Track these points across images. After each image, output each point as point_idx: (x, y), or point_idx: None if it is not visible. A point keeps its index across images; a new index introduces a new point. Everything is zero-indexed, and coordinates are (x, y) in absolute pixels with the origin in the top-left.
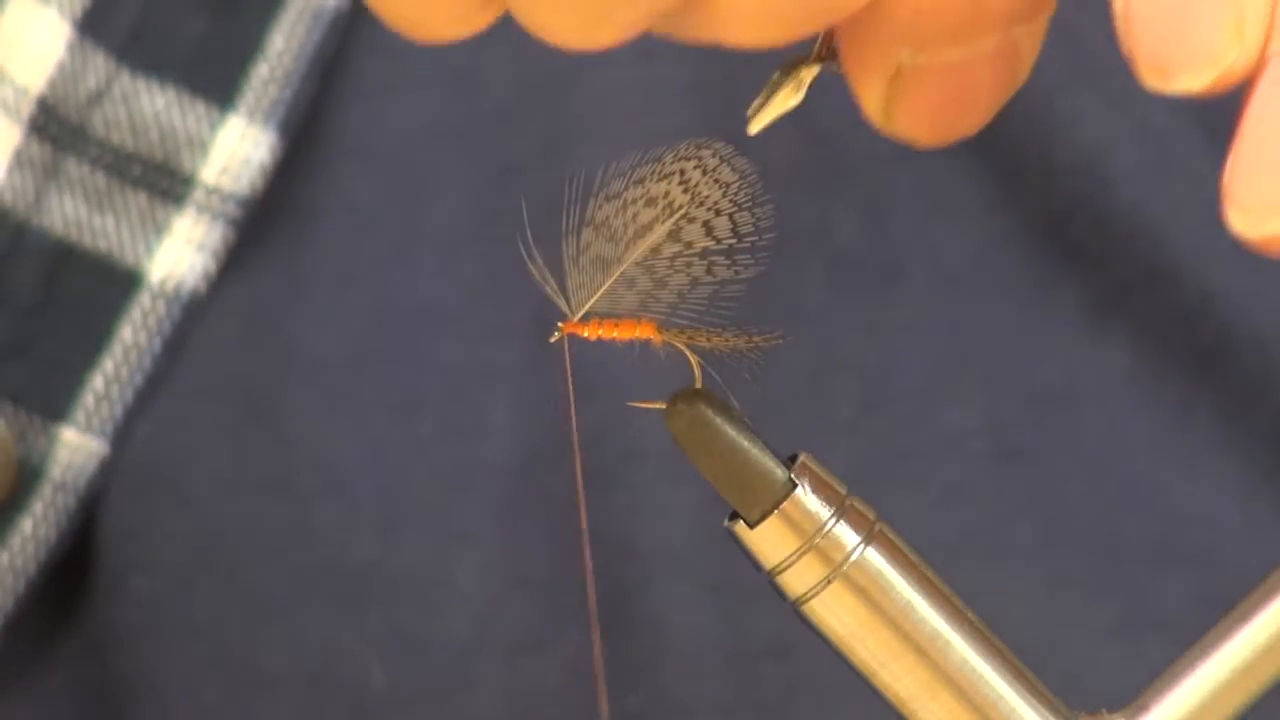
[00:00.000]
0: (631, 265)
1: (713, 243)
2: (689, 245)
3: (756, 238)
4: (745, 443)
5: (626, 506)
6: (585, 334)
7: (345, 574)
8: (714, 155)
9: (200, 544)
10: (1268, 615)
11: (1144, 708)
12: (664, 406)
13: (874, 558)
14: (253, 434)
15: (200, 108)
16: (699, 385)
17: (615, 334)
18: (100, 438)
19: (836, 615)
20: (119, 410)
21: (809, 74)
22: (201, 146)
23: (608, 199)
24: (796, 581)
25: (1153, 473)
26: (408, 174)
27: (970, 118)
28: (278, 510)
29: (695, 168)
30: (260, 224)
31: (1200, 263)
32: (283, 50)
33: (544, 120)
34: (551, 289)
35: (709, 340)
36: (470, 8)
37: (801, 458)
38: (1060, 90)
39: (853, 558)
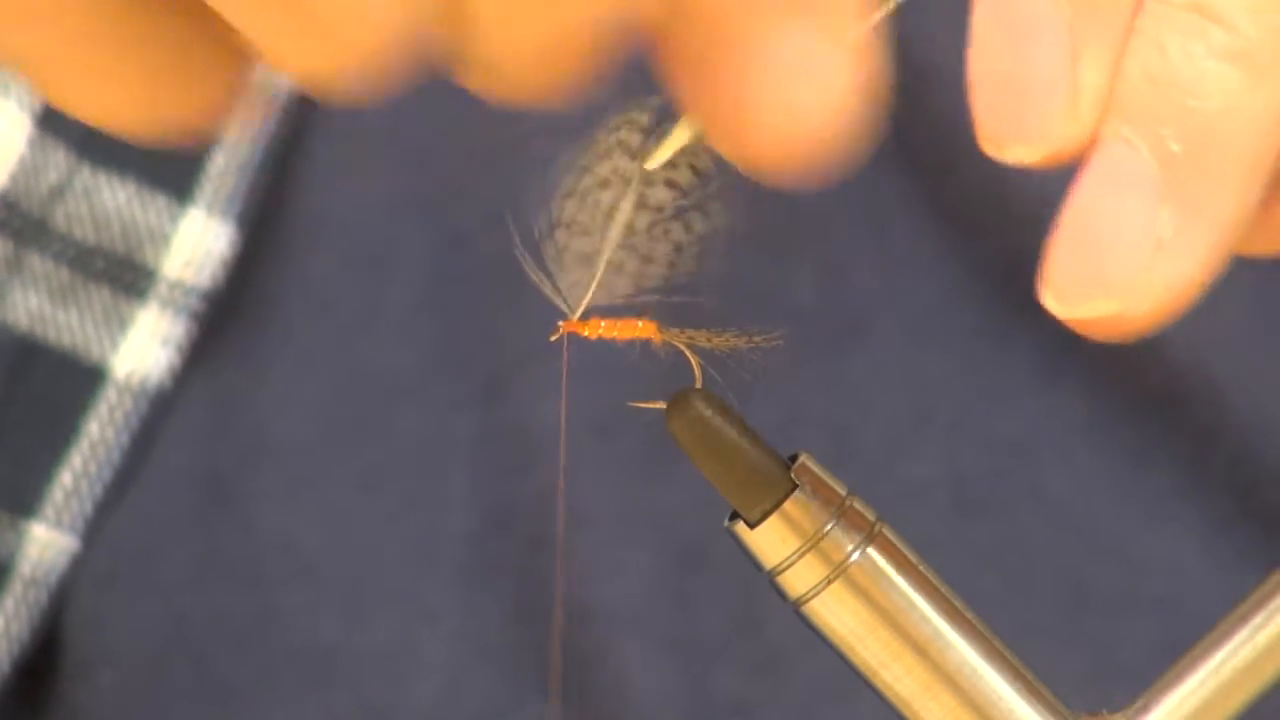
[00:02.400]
0: (613, 252)
1: (679, 195)
2: (660, 209)
3: (716, 175)
4: (745, 442)
5: (581, 571)
6: (585, 333)
7: (312, 657)
8: (643, 112)
9: (168, 634)
10: (1267, 615)
11: (1144, 708)
12: (664, 406)
13: (874, 558)
14: (220, 523)
15: (161, 201)
16: (699, 385)
17: (615, 333)
18: (70, 533)
19: (837, 615)
20: (88, 505)
21: None
22: (164, 240)
23: (568, 196)
24: (797, 582)
25: (1115, 521)
26: (363, 251)
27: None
28: (245, 598)
29: (632, 132)
30: (222, 314)
31: None
32: (238, 139)
33: (495, 188)
34: (550, 289)
35: (709, 340)
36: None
37: (802, 458)
38: None
39: (853, 558)
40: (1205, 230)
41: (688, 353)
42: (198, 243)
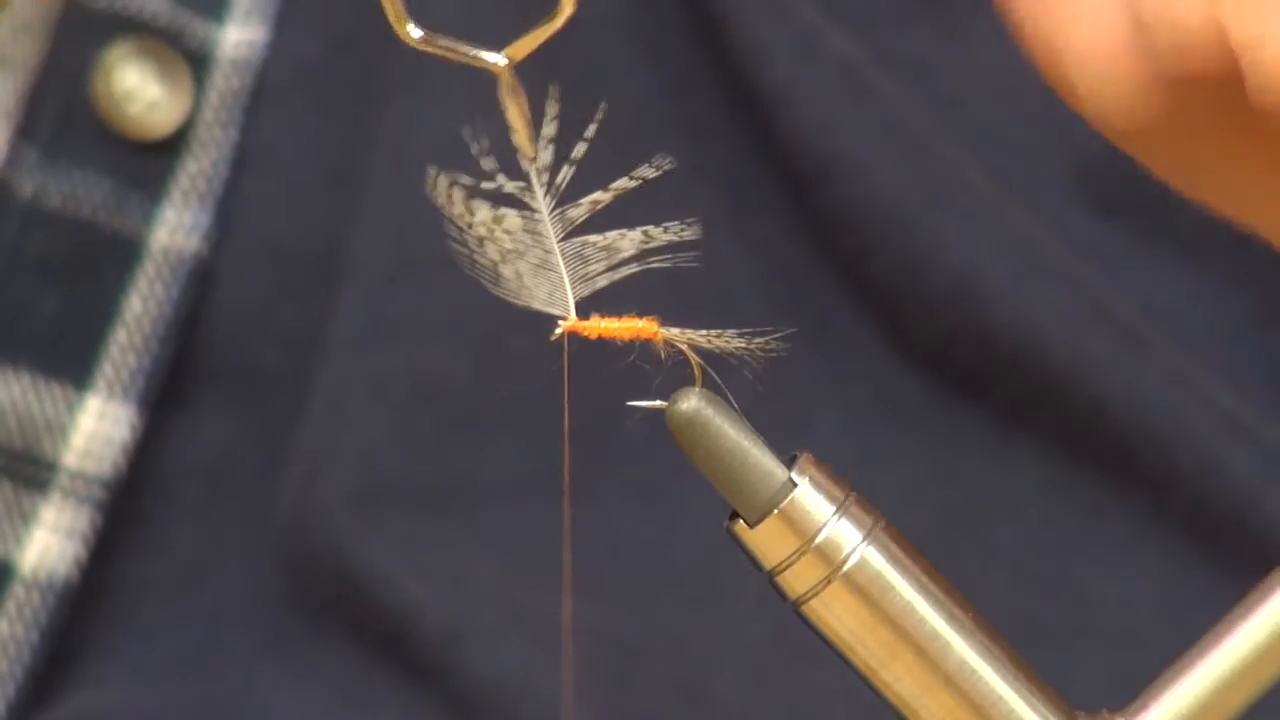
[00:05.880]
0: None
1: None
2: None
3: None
4: (745, 442)
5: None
6: (585, 332)
7: None
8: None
9: None
10: (1266, 615)
11: (1144, 708)
12: (664, 406)
13: (874, 557)
14: None
15: (57, 390)
16: (699, 385)
17: (616, 332)
18: None
19: (836, 615)
20: (1, 705)
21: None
22: (61, 431)
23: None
24: (796, 581)
25: (1069, 568)
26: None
27: None
28: None
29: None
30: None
31: (1086, 370)
32: (141, 313)
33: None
34: (538, 301)
35: (709, 340)
36: None
37: (802, 457)
38: (920, 218)
39: (853, 558)
40: None
41: (688, 352)
42: (96, 430)
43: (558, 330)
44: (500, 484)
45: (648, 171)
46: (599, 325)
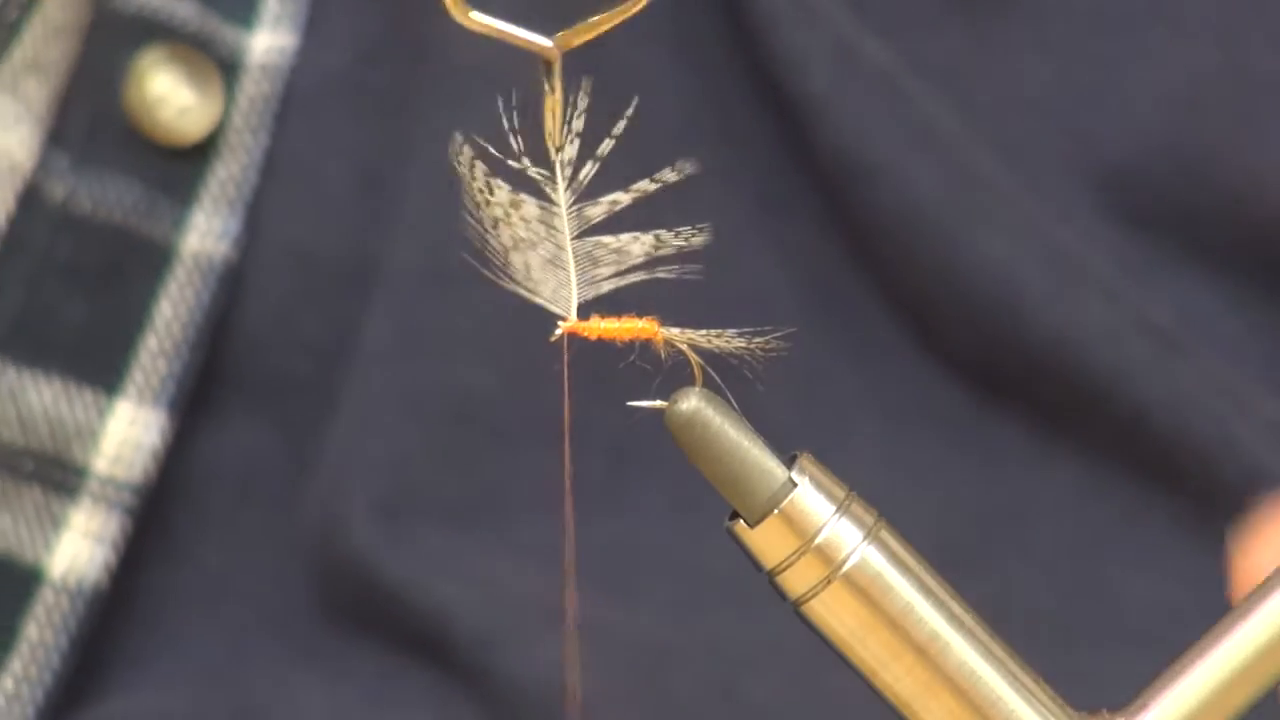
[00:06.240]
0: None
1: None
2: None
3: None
4: (745, 442)
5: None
6: (585, 333)
7: None
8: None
9: None
10: (1267, 615)
11: (1144, 707)
12: (664, 406)
13: (874, 558)
14: None
15: (88, 395)
16: (699, 385)
17: (616, 333)
18: None
19: (836, 615)
20: (30, 711)
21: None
22: (92, 436)
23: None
24: (796, 581)
25: (1107, 573)
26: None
27: None
28: None
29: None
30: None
31: (1127, 378)
32: (171, 318)
33: None
34: (541, 298)
35: (709, 340)
36: None
37: (802, 457)
38: (957, 226)
39: (853, 558)
40: None
41: (688, 352)
42: (126, 436)
43: (558, 331)
44: (529, 495)
45: (668, 175)
46: (599, 326)
